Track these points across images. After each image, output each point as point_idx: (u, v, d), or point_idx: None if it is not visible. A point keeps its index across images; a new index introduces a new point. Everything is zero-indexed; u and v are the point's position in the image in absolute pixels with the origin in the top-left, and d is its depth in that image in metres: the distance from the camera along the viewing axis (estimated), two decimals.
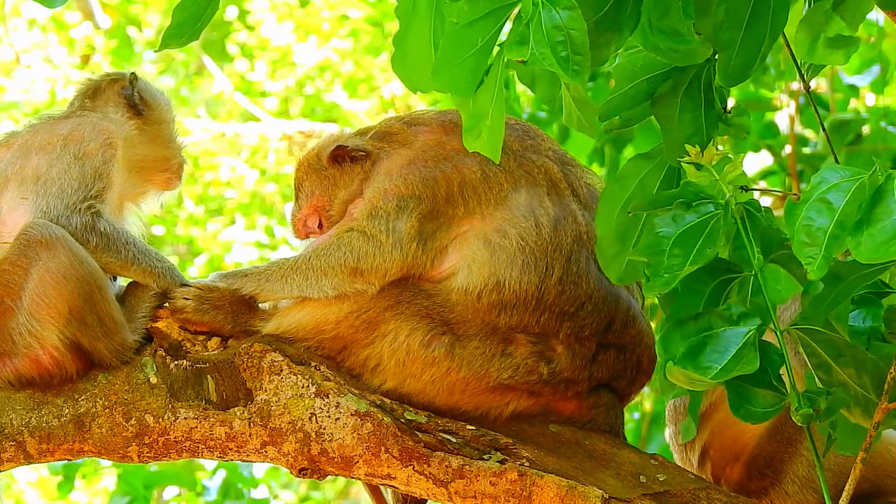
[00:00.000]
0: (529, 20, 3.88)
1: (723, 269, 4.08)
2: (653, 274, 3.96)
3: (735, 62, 4.24)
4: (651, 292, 3.97)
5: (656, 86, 4.43)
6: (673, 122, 4.41)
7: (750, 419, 4.03)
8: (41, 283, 4.70)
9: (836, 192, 3.81)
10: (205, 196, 15.51)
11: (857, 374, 3.99)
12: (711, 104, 4.41)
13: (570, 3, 3.89)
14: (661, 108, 4.43)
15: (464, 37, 3.98)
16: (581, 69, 3.91)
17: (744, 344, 3.92)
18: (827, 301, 3.95)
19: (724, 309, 3.99)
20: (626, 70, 4.47)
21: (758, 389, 4.01)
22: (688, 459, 5.20)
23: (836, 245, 3.74)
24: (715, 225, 3.99)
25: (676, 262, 3.96)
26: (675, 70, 4.39)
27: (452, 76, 4.02)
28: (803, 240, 3.78)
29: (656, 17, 4.22)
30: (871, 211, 3.74)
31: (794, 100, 9.68)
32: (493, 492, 4.63)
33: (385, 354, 4.75)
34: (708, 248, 3.97)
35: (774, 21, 4.22)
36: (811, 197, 3.82)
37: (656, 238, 4.00)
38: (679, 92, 4.41)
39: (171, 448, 4.78)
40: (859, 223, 3.74)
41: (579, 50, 3.90)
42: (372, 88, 15.38)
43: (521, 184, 4.84)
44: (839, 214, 3.77)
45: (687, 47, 4.25)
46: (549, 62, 3.87)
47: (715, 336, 3.95)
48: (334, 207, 5.07)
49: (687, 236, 3.99)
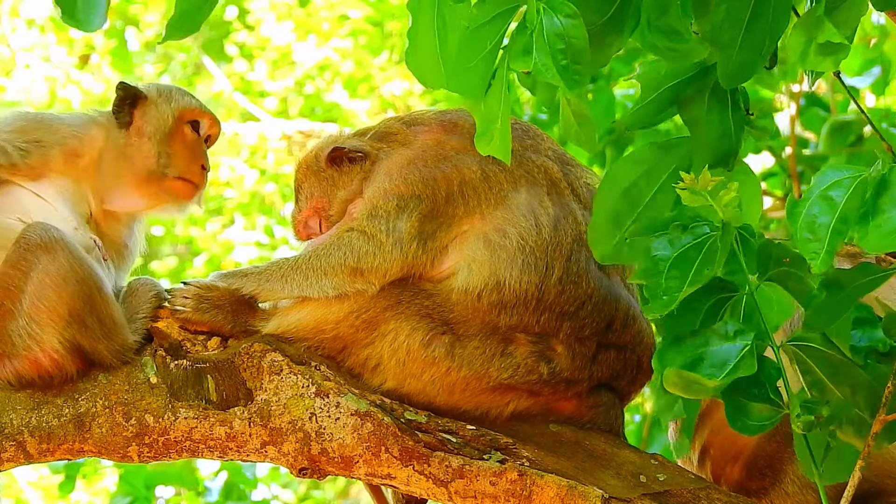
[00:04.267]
0: (534, 30, 3.89)
1: (718, 287, 4.08)
2: (651, 296, 3.96)
3: (735, 63, 4.24)
4: (651, 314, 3.97)
5: (679, 92, 4.44)
6: (701, 123, 4.41)
7: (746, 431, 4.04)
8: (41, 286, 4.70)
9: (837, 188, 3.83)
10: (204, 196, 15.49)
11: (851, 393, 4.00)
12: (737, 105, 4.42)
13: (571, 11, 3.90)
14: (689, 109, 4.44)
15: (474, 41, 3.99)
16: (581, 79, 3.91)
17: (741, 356, 3.92)
18: (828, 311, 3.95)
19: (721, 326, 3.99)
20: (651, 79, 4.47)
21: (754, 403, 4.02)
22: (688, 459, 5.20)
23: (838, 239, 3.76)
24: (712, 245, 3.99)
25: (674, 283, 3.97)
26: (699, 73, 4.40)
27: (464, 80, 4.03)
28: (806, 236, 3.79)
29: (655, 17, 4.23)
30: (875, 201, 3.76)
31: (795, 101, 9.68)
32: (493, 492, 4.63)
33: (385, 354, 4.75)
34: (706, 269, 3.97)
35: (775, 22, 4.22)
36: (813, 194, 3.83)
37: (653, 261, 4.00)
38: (706, 94, 4.42)
39: (171, 448, 4.78)
40: (865, 214, 3.75)
41: (579, 59, 3.91)
42: (372, 88, 15.39)
43: (521, 183, 4.84)
44: (841, 209, 3.78)
45: (685, 46, 4.26)
46: (550, 73, 3.88)
47: (711, 353, 3.95)
48: (334, 208, 5.07)
49: (684, 258, 4.00)
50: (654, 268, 3.99)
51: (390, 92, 15.25)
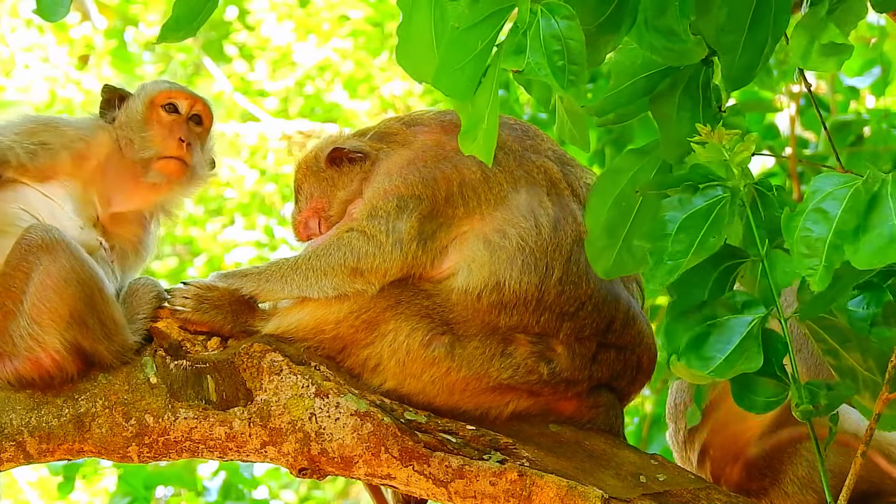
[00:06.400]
0: (526, 29, 3.88)
1: (728, 254, 4.07)
2: (656, 261, 3.94)
3: (738, 65, 4.24)
4: (654, 282, 3.95)
5: (654, 83, 4.43)
6: (671, 119, 4.41)
7: (753, 409, 4.04)
8: (42, 287, 4.71)
9: (831, 200, 3.81)
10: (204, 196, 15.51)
11: (863, 359, 4.01)
12: (709, 103, 4.41)
13: (569, 13, 3.89)
14: (659, 105, 4.43)
15: (463, 41, 3.98)
16: (577, 80, 3.91)
17: (747, 335, 3.91)
18: (825, 299, 3.96)
19: (729, 297, 3.98)
20: (625, 67, 4.47)
21: (761, 379, 4.02)
22: (688, 459, 5.20)
23: (836, 255, 3.75)
24: (720, 211, 3.97)
25: (680, 248, 3.95)
26: (673, 68, 4.40)
27: (453, 80, 4.02)
28: (803, 251, 3.78)
29: (652, 17, 4.22)
30: (867, 217, 3.75)
31: (795, 101, 9.68)
32: (493, 492, 4.63)
33: (385, 354, 4.75)
34: (712, 237, 3.95)
35: (776, 23, 4.22)
36: (807, 207, 3.82)
37: (661, 222, 3.98)
38: (678, 90, 4.41)
39: (171, 448, 4.78)
40: (856, 230, 3.74)
41: (576, 60, 3.90)
42: (372, 88, 15.38)
43: (521, 184, 4.84)
44: (837, 223, 3.77)
45: (682, 47, 4.25)
46: (544, 73, 3.87)
47: (719, 326, 3.95)
48: (334, 208, 5.07)
49: (692, 221, 3.97)
50: (661, 229, 3.97)
51: (390, 92, 15.24)
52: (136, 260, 5.20)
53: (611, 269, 4.41)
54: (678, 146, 4.26)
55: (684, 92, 4.40)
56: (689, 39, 4.23)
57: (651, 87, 4.44)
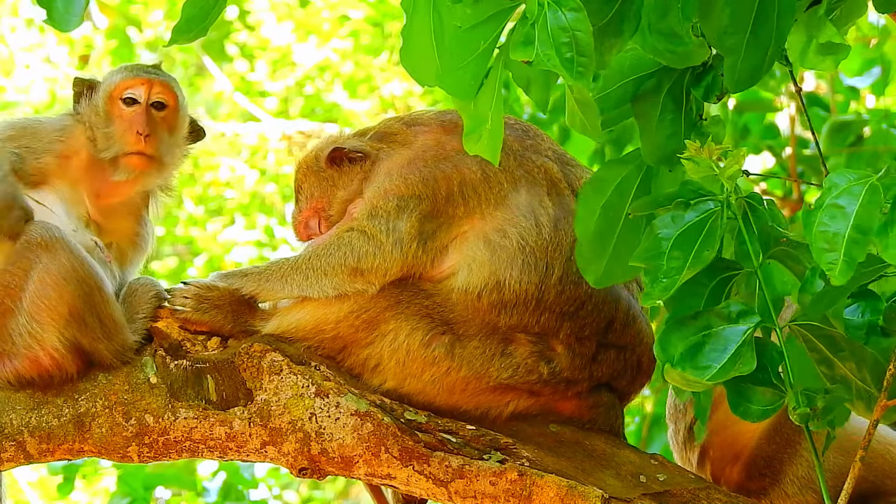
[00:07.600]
0: (535, 21, 3.88)
1: (722, 267, 4.08)
2: (651, 280, 3.96)
3: (741, 67, 4.24)
4: (650, 300, 3.97)
5: (638, 87, 4.45)
6: (653, 121, 4.42)
7: (749, 417, 4.04)
8: (41, 285, 4.70)
9: (846, 196, 3.83)
10: (205, 196, 15.52)
11: (857, 369, 4.01)
12: (689, 108, 4.43)
13: (576, 5, 3.90)
14: (641, 106, 4.45)
15: (466, 41, 3.99)
16: (586, 71, 3.91)
17: (742, 342, 3.92)
18: (825, 300, 3.96)
19: (724, 307, 3.99)
20: (614, 69, 4.48)
21: (757, 387, 4.02)
22: (688, 459, 5.20)
23: (856, 248, 3.76)
24: (713, 224, 3.99)
25: (675, 265, 3.97)
26: (661, 71, 4.40)
27: (456, 80, 4.02)
28: (822, 246, 3.79)
29: (655, 19, 4.22)
30: (894, 212, 3.76)
31: (795, 101, 9.67)
32: (493, 492, 4.63)
33: (385, 354, 4.75)
34: (706, 251, 3.97)
35: (780, 25, 4.22)
36: (823, 203, 3.83)
37: (656, 240, 4.00)
38: (662, 92, 4.42)
39: (171, 448, 4.78)
40: (885, 225, 3.75)
41: (584, 52, 3.90)
42: (372, 88, 15.39)
43: (522, 183, 4.84)
44: (855, 218, 3.79)
45: (685, 49, 4.26)
46: (553, 63, 3.88)
47: (714, 335, 3.95)
48: (334, 208, 5.07)
49: (686, 237, 3.99)
50: (656, 247, 3.98)
51: (390, 92, 15.25)
52: (136, 253, 5.18)
53: (601, 277, 4.44)
54: (657, 149, 4.28)
55: (668, 94, 4.41)
56: (691, 42, 4.23)
57: (636, 90, 4.45)
